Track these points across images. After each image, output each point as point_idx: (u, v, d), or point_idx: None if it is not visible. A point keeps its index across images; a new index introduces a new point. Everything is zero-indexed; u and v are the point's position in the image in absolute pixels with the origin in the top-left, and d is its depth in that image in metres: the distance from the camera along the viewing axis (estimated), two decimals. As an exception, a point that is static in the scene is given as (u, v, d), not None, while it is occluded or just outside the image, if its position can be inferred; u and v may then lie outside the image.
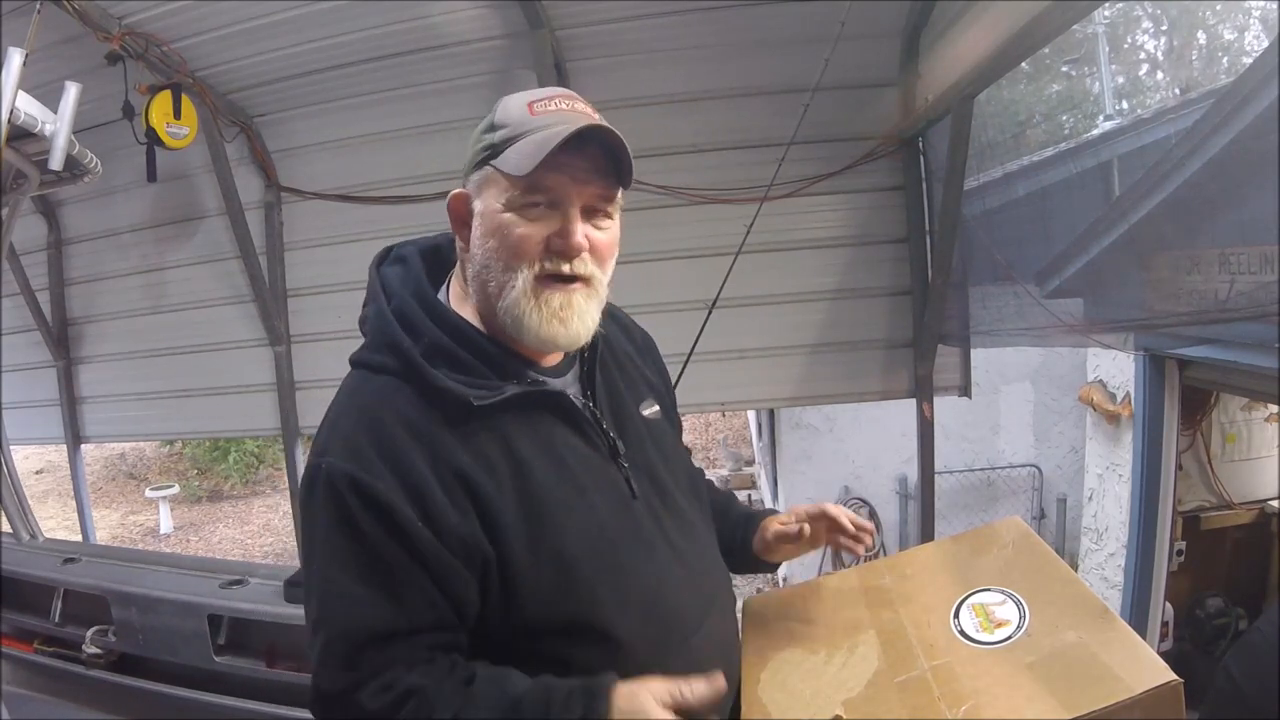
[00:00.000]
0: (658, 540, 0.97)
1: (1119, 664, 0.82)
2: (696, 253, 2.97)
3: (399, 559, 0.83)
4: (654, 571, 0.95)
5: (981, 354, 3.33)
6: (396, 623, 0.83)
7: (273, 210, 3.37)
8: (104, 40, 2.55)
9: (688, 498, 1.06)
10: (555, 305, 0.88)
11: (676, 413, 1.18)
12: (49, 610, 3.02)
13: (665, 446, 1.06)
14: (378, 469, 0.83)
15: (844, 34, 2.33)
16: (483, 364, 0.90)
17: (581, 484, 0.92)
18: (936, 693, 0.87)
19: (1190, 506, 3.43)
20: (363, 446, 0.85)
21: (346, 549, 0.84)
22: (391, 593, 0.83)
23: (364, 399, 0.90)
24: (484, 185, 0.90)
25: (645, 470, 1.00)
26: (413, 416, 0.86)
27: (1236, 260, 2.04)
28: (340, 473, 0.83)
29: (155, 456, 10.91)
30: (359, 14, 2.65)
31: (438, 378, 0.87)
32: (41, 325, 3.82)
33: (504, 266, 0.88)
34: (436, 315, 0.92)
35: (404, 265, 0.97)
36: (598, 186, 0.89)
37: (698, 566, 1.01)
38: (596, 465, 0.95)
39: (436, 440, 0.86)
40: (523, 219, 0.87)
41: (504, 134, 0.88)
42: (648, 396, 1.08)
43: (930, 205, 3.01)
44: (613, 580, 0.91)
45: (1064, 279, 2.61)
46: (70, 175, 2.37)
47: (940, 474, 4.13)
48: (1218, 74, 7.88)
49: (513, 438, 0.89)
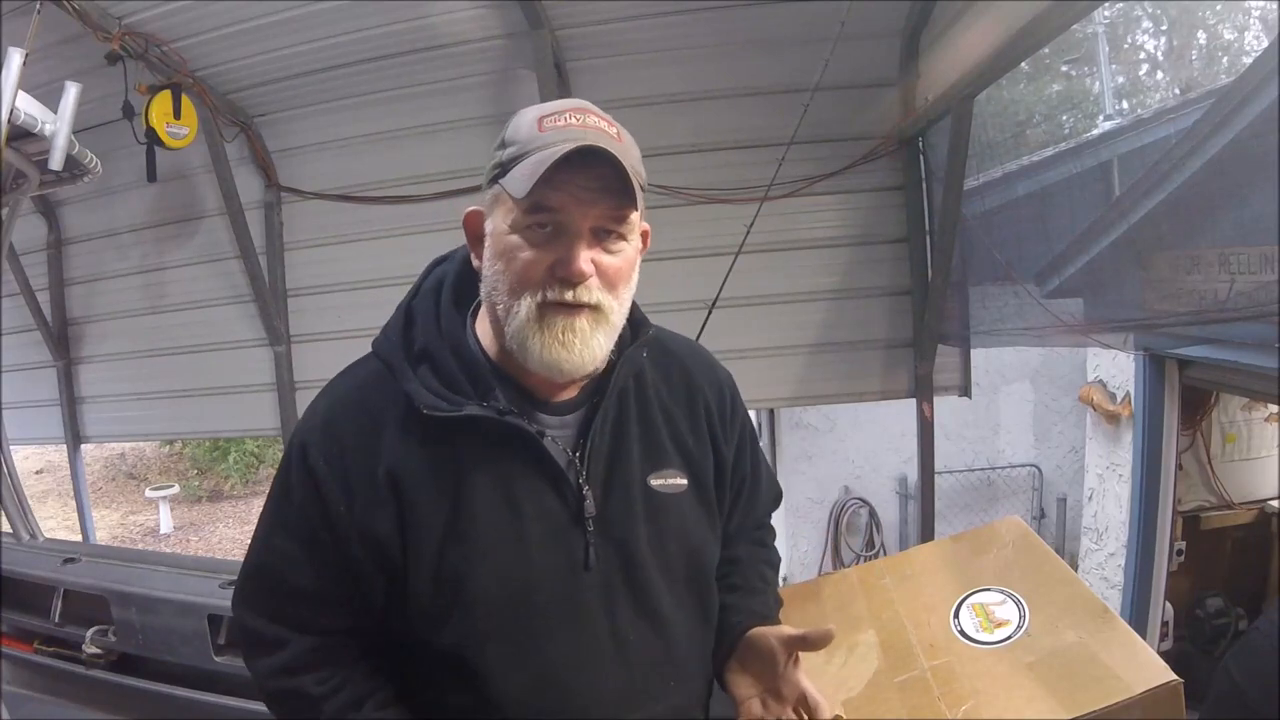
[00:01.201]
0: (599, 621, 0.89)
1: (1119, 664, 0.82)
2: (696, 253, 2.96)
3: (322, 536, 0.87)
4: (573, 650, 0.88)
5: (981, 354, 3.33)
6: (309, 585, 0.89)
7: (273, 210, 3.37)
8: (104, 40, 2.55)
9: (675, 592, 0.94)
10: (559, 329, 0.84)
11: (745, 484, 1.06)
12: (49, 610, 3.02)
13: (669, 524, 0.94)
14: (323, 447, 0.88)
15: (844, 34, 2.33)
16: (467, 379, 0.88)
17: (524, 532, 0.87)
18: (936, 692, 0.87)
19: (1190, 506, 3.43)
20: (320, 423, 0.90)
21: (287, 510, 0.90)
22: (311, 560, 0.88)
23: (345, 381, 0.94)
24: (494, 205, 0.87)
25: (620, 543, 0.90)
26: (375, 409, 0.89)
27: (1236, 260, 2.04)
28: (297, 441, 0.90)
29: (155, 456, 10.90)
30: (359, 14, 2.65)
31: (407, 379, 0.88)
32: (41, 325, 3.82)
33: (509, 290, 0.85)
34: (443, 320, 0.92)
35: (445, 265, 0.97)
36: (604, 207, 0.83)
37: (645, 664, 0.91)
38: (552, 520, 0.88)
39: (385, 438, 0.87)
40: (527, 243, 0.84)
41: (512, 152, 0.84)
42: (670, 465, 0.95)
43: (930, 205, 3.01)
44: (510, 637, 0.86)
45: (1064, 279, 2.61)
46: (70, 175, 2.37)
47: (940, 474, 4.12)
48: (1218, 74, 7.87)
49: (466, 461, 0.87)
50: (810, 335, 3.14)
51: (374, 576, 0.87)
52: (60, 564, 3.10)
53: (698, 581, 0.97)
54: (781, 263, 3.07)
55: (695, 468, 0.97)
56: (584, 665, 0.88)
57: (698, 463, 0.98)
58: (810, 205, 3.03)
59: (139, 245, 3.64)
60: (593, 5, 2.68)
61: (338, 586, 0.88)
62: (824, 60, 2.36)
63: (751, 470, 1.07)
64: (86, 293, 3.84)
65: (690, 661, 0.96)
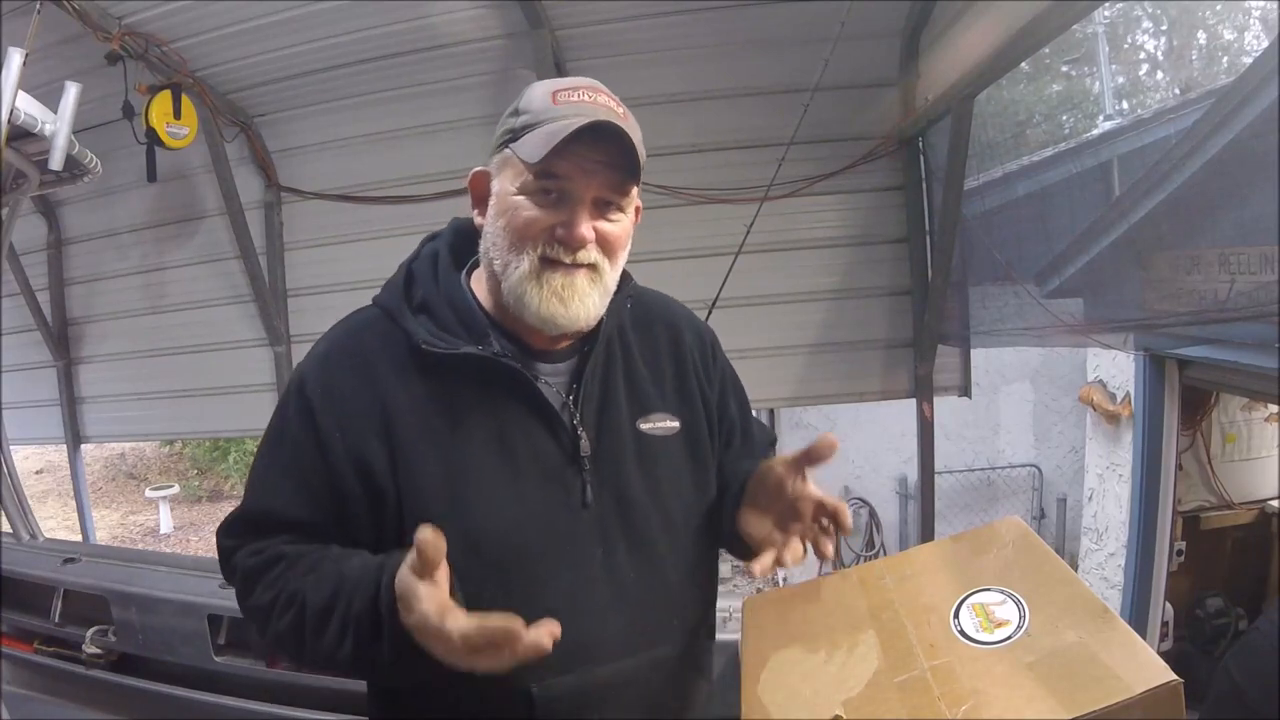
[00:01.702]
0: (595, 558, 0.90)
1: (1119, 664, 0.82)
2: (696, 253, 2.97)
3: (311, 463, 0.88)
4: (574, 588, 0.88)
5: (981, 354, 3.34)
6: (296, 514, 0.89)
7: (273, 210, 3.38)
8: (104, 40, 2.55)
9: (670, 532, 0.96)
10: (556, 284, 0.88)
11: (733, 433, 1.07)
12: (49, 610, 3.01)
13: (659, 467, 0.97)
14: (320, 381, 0.91)
15: (844, 34, 2.33)
16: (463, 327, 0.92)
17: (520, 470, 0.89)
18: (936, 692, 0.87)
19: (1190, 506, 3.43)
20: (317, 363, 0.93)
21: (274, 437, 0.93)
22: (299, 490, 0.89)
23: (345, 324, 0.97)
24: (502, 167, 0.91)
25: (613, 484, 0.93)
26: (372, 348, 0.92)
27: (1236, 260, 2.04)
28: (295, 378, 0.93)
29: (155, 456, 10.90)
30: (359, 14, 2.65)
31: (406, 319, 0.92)
32: (41, 325, 3.82)
33: (510, 246, 0.89)
34: (440, 276, 0.96)
35: (439, 238, 1.01)
36: (608, 179, 0.89)
37: (642, 603, 0.92)
38: (548, 460, 0.91)
39: (381, 373, 0.90)
40: (533, 204, 0.88)
41: (525, 120, 0.89)
42: (657, 411, 0.99)
43: (930, 205, 3.02)
44: (510, 571, 0.87)
45: (1064, 279, 2.61)
46: (70, 175, 2.36)
47: (940, 474, 4.13)
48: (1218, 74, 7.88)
49: (462, 399, 0.89)
50: (810, 335, 3.14)
51: (364, 512, 0.88)
52: (60, 564, 3.10)
53: (692, 523, 0.99)
54: (781, 263, 3.07)
55: (684, 411, 1.01)
56: (586, 605, 0.89)
57: (686, 406, 1.01)
58: (810, 205, 3.03)
59: (139, 245, 3.65)
60: (593, 5, 2.69)
61: (327, 518, 0.89)
62: (824, 60, 2.37)
63: (741, 416, 1.10)
64: (86, 293, 3.84)
65: (691, 604, 0.98)
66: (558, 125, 0.85)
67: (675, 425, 0.99)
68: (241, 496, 0.96)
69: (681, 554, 0.97)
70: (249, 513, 0.93)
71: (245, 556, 0.91)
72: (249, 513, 0.93)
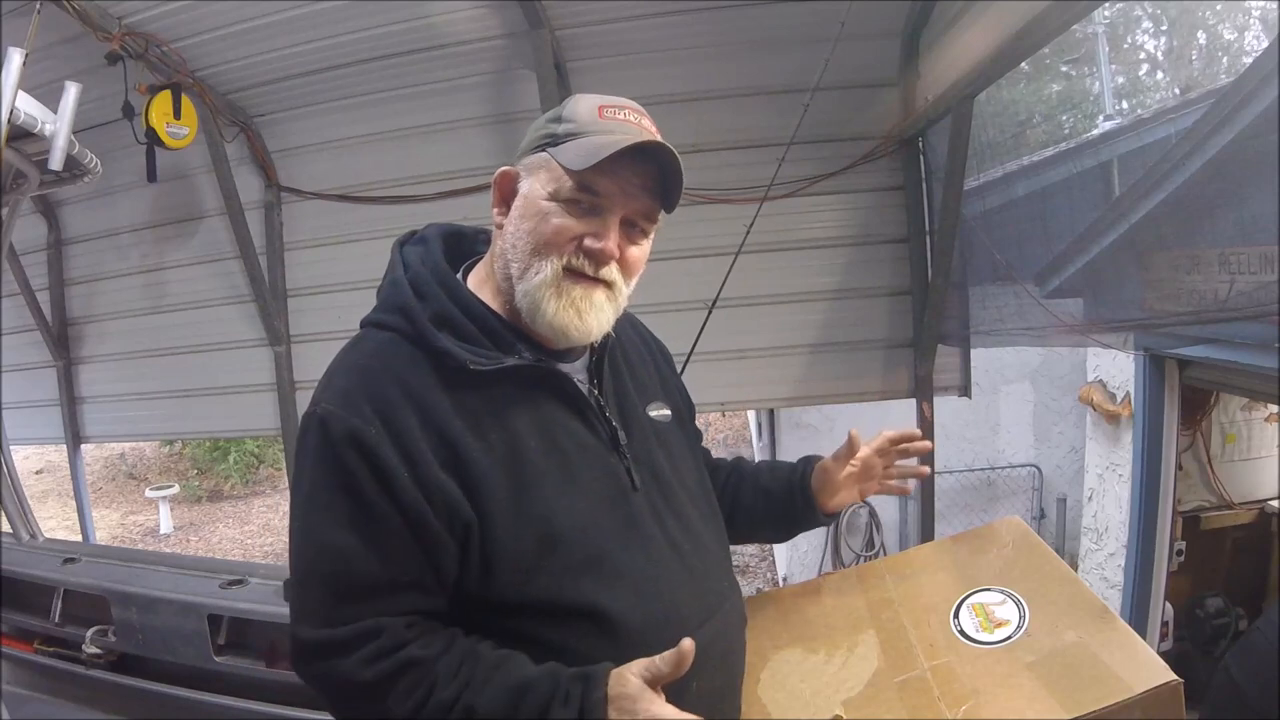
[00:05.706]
0: (657, 535, 0.94)
1: (1119, 664, 0.82)
2: (696, 253, 2.96)
3: (383, 509, 0.81)
4: (649, 563, 0.92)
5: (981, 354, 3.33)
6: (377, 574, 0.82)
7: (273, 210, 3.37)
8: (104, 40, 2.55)
9: (696, 505, 1.03)
10: (575, 296, 0.89)
11: (694, 424, 1.17)
12: (49, 610, 3.01)
13: (673, 449, 1.04)
14: (368, 417, 0.82)
15: (844, 34, 2.33)
16: (487, 337, 0.91)
17: (576, 466, 0.91)
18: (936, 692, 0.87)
19: (1190, 506, 3.43)
20: (356, 396, 0.84)
21: (331, 495, 0.83)
22: (373, 542, 0.81)
23: (363, 353, 0.90)
24: (535, 170, 0.91)
25: (648, 466, 0.98)
26: (408, 374, 0.86)
27: (1236, 260, 2.04)
28: (333, 418, 0.83)
29: (155, 456, 10.90)
30: (359, 14, 2.65)
31: (439, 339, 0.88)
32: (41, 325, 3.82)
33: (533, 250, 0.89)
34: (449, 287, 0.93)
35: (424, 245, 0.99)
36: (643, 203, 0.90)
37: (701, 570, 0.97)
38: (595, 452, 0.94)
39: (429, 400, 0.85)
40: (565, 211, 0.88)
41: (569, 128, 0.89)
42: (658, 399, 1.07)
43: (930, 205, 3.01)
44: (602, 562, 0.88)
45: (1064, 279, 2.61)
46: (70, 175, 2.36)
47: (940, 474, 4.13)
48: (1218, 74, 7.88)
49: (509, 410, 0.89)
50: (810, 335, 3.14)
51: (446, 543, 0.83)
52: (60, 564, 3.10)
53: (707, 496, 1.08)
54: (781, 263, 3.07)
55: (670, 400, 1.10)
56: (661, 578, 0.92)
57: (670, 396, 1.11)
58: (810, 205, 3.03)
59: (139, 245, 3.64)
60: (593, 5, 2.68)
61: (410, 564, 0.82)
62: (824, 60, 2.36)
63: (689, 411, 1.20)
64: (86, 293, 3.84)
65: (726, 561, 1.06)
66: (604, 140, 0.86)
67: (668, 412, 1.08)
68: (291, 573, 0.86)
69: (706, 521, 1.04)
70: (318, 581, 0.83)
71: (364, 664, 0.80)
72: (318, 581, 0.83)
